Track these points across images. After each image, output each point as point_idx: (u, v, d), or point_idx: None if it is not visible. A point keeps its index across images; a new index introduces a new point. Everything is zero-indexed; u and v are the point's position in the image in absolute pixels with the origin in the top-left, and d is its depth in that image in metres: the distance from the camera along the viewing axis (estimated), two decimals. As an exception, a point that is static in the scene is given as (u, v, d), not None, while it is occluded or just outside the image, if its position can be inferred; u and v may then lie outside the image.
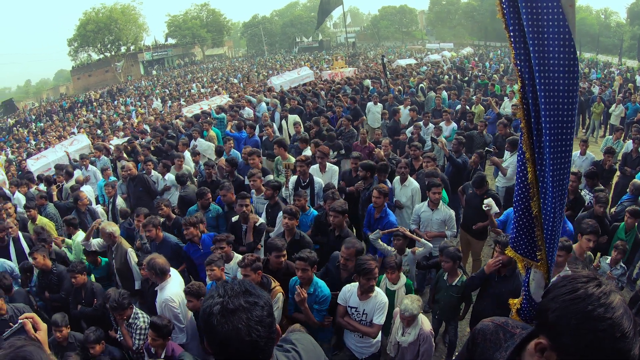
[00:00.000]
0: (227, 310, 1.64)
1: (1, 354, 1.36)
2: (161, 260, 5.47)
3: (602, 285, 1.50)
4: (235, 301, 1.66)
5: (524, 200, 2.53)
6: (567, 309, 1.49)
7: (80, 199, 8.98)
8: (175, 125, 15.33)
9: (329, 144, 9.68)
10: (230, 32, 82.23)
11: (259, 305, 1.69)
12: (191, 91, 35.27)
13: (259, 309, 1.68)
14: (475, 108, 13.71)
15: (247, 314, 1.64)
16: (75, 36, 64.58)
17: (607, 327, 1.41)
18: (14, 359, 1.34)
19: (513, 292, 4.84)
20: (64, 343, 5.49)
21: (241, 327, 1.62)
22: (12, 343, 1.40)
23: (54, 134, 27.20)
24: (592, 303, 1.45)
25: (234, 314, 1.63)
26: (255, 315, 1.66)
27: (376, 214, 6.79)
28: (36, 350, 1.41)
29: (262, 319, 1.67)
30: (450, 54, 41.68)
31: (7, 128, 38.63)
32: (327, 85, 20.79)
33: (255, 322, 1.65)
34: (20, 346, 1.40)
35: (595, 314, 1.43)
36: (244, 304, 1.66)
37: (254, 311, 1.66)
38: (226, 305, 1.64)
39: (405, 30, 78.80)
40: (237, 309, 1.64)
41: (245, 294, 1.70)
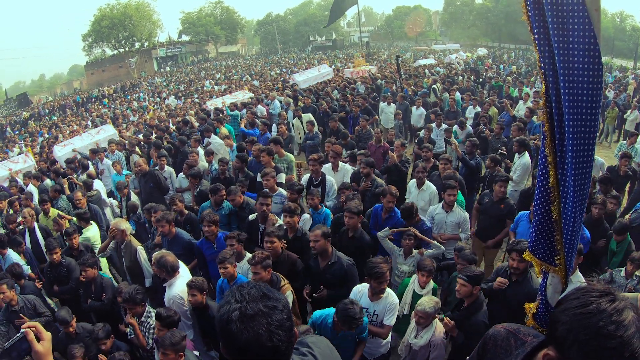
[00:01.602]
0: (247, 316, 1.61)
1: None
2: (171, 257, 5.50)
3: (615, 301, 1.47)
4: (254, 306, 1.63)
5: (545, 204, 2.51)
6: (577, 323, 1.46)
7: (77, 198, 8.93)
8: (189, 121, 15.37)
9: (342, 143, 9.65)
10: (243, 29, 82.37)
11: (278, 309, 1.66)
12: (204, 88, 35.31)
13: (278, 312, 1.65)
14: (489, 111, 13.60)
15: (267, 318, 1.61)
16: (89, 32, 65.05)
17: (617, 346, 1.39)
18: None
19: (525, 297, 4.79)
20: (72, 335, 5.55)
21: (262, 333, 1.59)
22: None
23: (67, 128, 27.37)
24: (604, 319, 1.42)
25: (254, 319, 1.60)
26: (275, 319, 1.63)
27: (384, 213, 6.75)
28: None
29: (282, 322, 1.64)
30: (466, 55, 41.35)
31: (21, 121, 38.94)
32: (340, 84, 20.74)
33: (275, 326, 1.62)
34: None
35: (605, 331, 1.41)
36: (263, 309, 1.63)
37: (273, 315, 1.63)
38: (245, 311, 1.61)
39: (419, 30, 78.49)
40: (256, 314, 1.61)
41: (264, 298, 1.67)
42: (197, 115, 16.89)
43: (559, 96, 2.27)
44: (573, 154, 2.26)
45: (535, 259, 2.68)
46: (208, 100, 22.69)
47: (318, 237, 5.32)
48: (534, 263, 2.73)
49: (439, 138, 11.70)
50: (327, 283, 5.46)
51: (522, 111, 13.81)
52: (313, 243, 5.36)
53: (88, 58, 69.53)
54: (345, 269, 5.44)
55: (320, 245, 5.34)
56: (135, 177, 10.20)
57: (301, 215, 6.74)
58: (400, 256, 6.16)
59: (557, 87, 2.27)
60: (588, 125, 2.22)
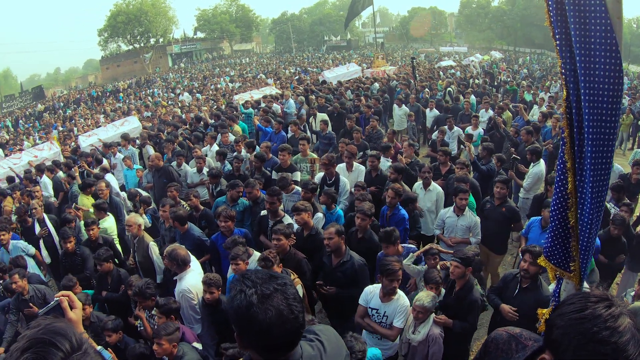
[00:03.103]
0: (265, 296, 1.67)
1: (32, 331, 1.36)
2: (183, 251, 5.55)
3: (612, 307, 1.47)
4: (269, 286, 1.71)
5: (562, 209, 2.51)
6: (572, 327, 1.47)
7: (100, 189, 9.03)
8: (204, 118, 15.43)
9: (353, 143, 9.65)
10: (258, 28, 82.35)
11: (288, 284, 1.76)
12: (218, 85, 35.40)
13: (290, 287, 1.76)
14: (503, 114, 13.47)
15: (282, 294, 1.71)
16: (105, 27, 65.37)
17: (610, 352, 1.39)
18: (46, 334, 1.34)
19: (534, 304, 4.75)
20: (85, 322, 5.54)
21: (283, 308, 1.67)
22: (39, 322, 1.40)
23: (82, 121, 27.56)
24: (598, 325, 1.43)
25: (272, 298, 1.68)
26: (290, 293, 1.73)
27: (389, 212, 6.78)
28: (67, 326, 1.41)
29: (296, 295, 1.75)
30: (482, 58, 41.15)
31: (35, 114, 39.25)
32: (353, 85, 20.76)
33: (292, 299, 1.72)
34: (50, 322, 1.40)
35: (599, 337, 1.41)
36: (277, 287, 1.72)
37: (287, 290, 1.73)
38: (263, 292, 1.68)
39: (434, 32, 78.24)
40: (272, 292, 1.69)
41: (272, 278, 1.76)
42: (210, 112, 16.98)
43: (579, 102, 2.27)
44: (592, 160, 2.26)
45: (551, 264, 2.68)
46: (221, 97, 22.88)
47: (332, 235, 5.35)
48: (549, 269, 2.72)
49: (451, 140, 11.64)
50: (338, 281, 5.49)
51: (536, 116, 13.65)
52: (327, 240, 5.40)
53: (103, 53, 70.02)
54: (357, 268, 5.46)
55: (334, 243, 5.37)
56: (149, 171, 10.27)
57: (315, 214, 6.76)
58: (419, 273, 6.04)
59: (577, 93, 2.27)
60: (607, 132, 2.22)
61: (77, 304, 2.14)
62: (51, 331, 1.36)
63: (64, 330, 1.38)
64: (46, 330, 1.36)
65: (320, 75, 26.08)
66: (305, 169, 8.93)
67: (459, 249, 6.09)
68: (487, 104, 14.12)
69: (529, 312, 4.73)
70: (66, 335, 1.36)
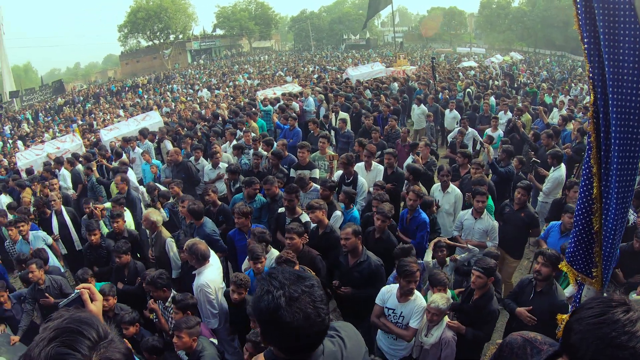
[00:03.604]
0: (293, 299, 1.66)
1: (57, 321, 1.36)
2: (203, 246, 5.53)
3: (630, 312, 1.47)
4: (297, 288, 1.69)
5: (586, 215, 2.49)
6: (590, 332, 1.47)
7: (117, 182, 9.16)
8: (222, 114, 15.50)
9: (373, 143, 9.63)
10: (278, 25, 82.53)
11: (315, 286, 1.75)
12: (236, 82, 35.51)
13: (317, 289, 1.74)
14: (522, 117, 13.33)
15: (310, 297, 1.69)
16: (125, 22, 65.70)
17: (628, 356, 1.39)
18: (72, 323, 1.35)
19: (548, 308, 4.74)
20: (109, 313, 5.62)
21: (310, 311, 1.66)
22: (62, 313, 1.40)
23: (101, 115, 27.82)
24: (617, 329, 1.43)
25: (300, 300, 1.67)
26: (317, 295, 1.72)
27: (409, 214, 6.72)
28: (92, 315, 1.42)
29: (322, 297, 1.74)
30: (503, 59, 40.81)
31: (55, 107, 39.66)
32: (372, 84, 20.72)
33: (319, 301, 1.71)
34: (74, 313, 1.41)
35: (617, 341, 1.41)
36: (305, 289, 1.70)
37: (315, 292, 1.72)
38: (291, 295, 1.67)
39: (454, 32, 77.81)
40: (300, 295, 1.68)
41: (300, 279, 1.75)
42: (229, 109, 17.04)
43: (606, 107, 2.26)
44: (618, 165, 2.24)
45: (573, 269, 2.66)
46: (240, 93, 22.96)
47: (349, 235, 5.34)
48: (570, 274, 2.71)
49: (468, 142, 11.57)
50: (354, 281, 5.49)
51: (556, 119, 13.52)
52: (344, 241, 5.39)
53: (123, 48, 70.42)
54: (373, 268, 5.45)
55: (351, 243, 5.36)
56: (167, 166, 10.34)
57: (334, 212, 6.76)
58: (436, 267, 6.08)
59: (605, 98, 2.25)
60: (634, 138, 2.20)
61: (98, 296, 2.16)
62: (77, 320, 1.37)
63: (90, 320, 1.40)
64: (71, 319, 1.37)
65: (344, 73, 26.04)
66: (324, 166, 8.92)
67: (473, 254, 6.11)
68: (506, 106, 14.00)
69: (544, 316, 4.72)
70: (92, 324, 1.38)
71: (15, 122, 34.16)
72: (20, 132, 28.87)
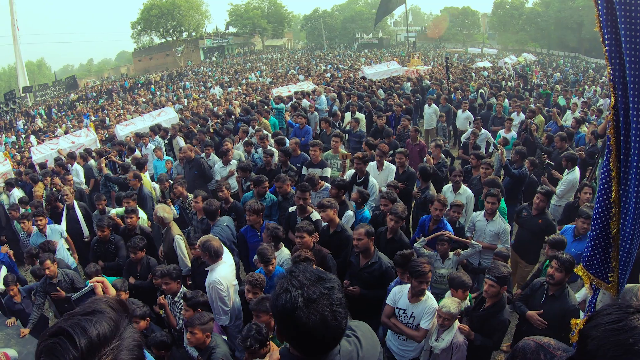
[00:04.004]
0: (311, 300, 1.66)
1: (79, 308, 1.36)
2: (216, 243, 5.55)
3: None
4: (316, 290, 1.69)
5: (604, 219, 2.46)
6: (607, 339, 1.46)
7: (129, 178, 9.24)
8: (233, 111, 15.54)
9: (385, 142, 9.59)
10: (290, 24, 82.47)
11: (335, 288, 1.73)
12: (249, 80, 35.58)
13: (336, 292, 1.72)
14: (535, 118, 13.18)
15: (329, 299, 1.68)
16: (138, 19, 66.15)
17: None
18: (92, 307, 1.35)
19: (560, 313, 4.72)
20: None
21: (327, 314, 1.65)
22: (71, 313, 1.36)
23: (114, 111, 27.98)
24: (635, 336, 1.41)
25: (317, 302, 1.66)
26: (336, 299, 1.70)
27: (432, 224, 6.54)
28: (102, 309, 1.38)
29: (341, 301, 1.72)
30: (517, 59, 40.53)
31: (68, 103, 39.94)
32: (386, 83, 20.68)
33: (337, 305, 1.69)
34: (85, 306, 1.39)
35: (635, 348, 1.40)
36: (324, 291, 1.69)
37: (334, 295, 1.70)
38: (309, 296, 1.66)
39: (467, 32, 77.48)
40: (318, 297, 1.67)
41: (320, 280, 1.74)
42: (241, 106, 17.08)
43: (627, 110, 2.23)
44: (637, 170, 2.22)
45: (589, 274, 2.63)
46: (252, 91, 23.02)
47: (362, 236, 5.33)
48: (586, 278, 2.68)
49: (482, 143, 11.51)
50: (364, 281, 5.48)
51: (569, 121, 13.40)
52: (356, 241, 5.37)
53: (136, 45, 71.02)
54: (384, 270, 5.45)
55: (363, 244, 5.36)
56: (180, 163, 10.37)
57: (345, 212, 6.75)
58: (437, 260, 6.09)
59: (626, 101, 2.23)
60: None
61: (111, 290, 2.19)
62: (79, 320, 1.32)
63: (99, 316, 1.35)
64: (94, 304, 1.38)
65: (359, 72, 26.00)
66: (336, 165, 8.89)
67: (476, 249, 6.07)
68: (519, 107, 13.91)
69: (555, 320, 4.70)
70: (99, 321, 1.33)
71: (28, 117, 34.43)
72: (34, 127, 29.11)
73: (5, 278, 6.92)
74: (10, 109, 34.56)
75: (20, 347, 5.92)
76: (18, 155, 19.61)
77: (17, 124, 31.26)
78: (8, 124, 32.34)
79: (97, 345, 1.25)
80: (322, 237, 6.22)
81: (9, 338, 6.19)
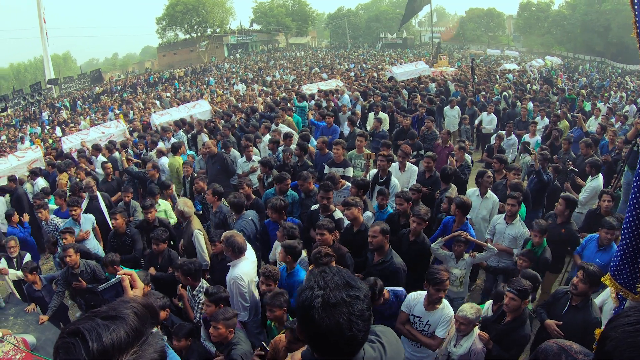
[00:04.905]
0: (329, 304, 1.62)
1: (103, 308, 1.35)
2: (240, 239, 5.58)
3: None
4: (337, 294, 1.64)
5: (634, 229, 2.44)
6: (625, 340, 1.46)
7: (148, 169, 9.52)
8: (257, 108, 15.63)
9: (409, 143, 9.56)
10: (314, 22, 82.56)
11: (359, 298, 1.67)
12: (273, 77, 35.67)
13: (359, 302, 1.66)
14: (560, 123, 13.00)
15: (348, 307, 1.62)
16: (163, 15, 66.77)
17: None
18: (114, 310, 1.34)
19: (582, 324, 4.65)
20: None
21: (342, 322, 1.60)
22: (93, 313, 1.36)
23: (140, 105, 28.25)
24: None
25: (336, 308, 1.61)
26: (356, 309, 1.64)
27: (456, 226, 6.51)
28: (124, 314, 1.36)
29: (362, 312, 1.65)
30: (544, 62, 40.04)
31: (93, 96, 40.42)
32: (410, 84, 20.60)
33: (356, 316, 1.63)
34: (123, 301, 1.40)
35: None
36: (346, 298, 1.64)
37: (355, 305, 1.64)
38: (328, 299, 1.63)
39: (491, 34, 76.81)
40: (338, 302, 1.62)
41: (346, 286, 1.68)
42: (264, 103, 17.17)
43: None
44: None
45: (616, 283, 2.62)
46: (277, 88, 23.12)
47: (376, 233, 5.36)
48: (613, 288, 2.66)
49: (507, 147, 11.45)
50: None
51: (592, 127, 13.14)
52: (371, 238, 5.40)
53: (161, 40, 71.85)
54: (394, 270, 5.44)
55: (378, 242, 5.37)
56: (202, 157, 10.47)
57: (364, 212, 6.75)
58: (452, 260, 6.08)
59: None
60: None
61: (139, 283, 2.19)
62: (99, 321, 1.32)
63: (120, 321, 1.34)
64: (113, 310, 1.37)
65: (387, 71, 25.91)
66: (360, 165, 8.89)
67: (492, 253, 6.05)
68: (543, 111, 13.78)
69: (577, 332, 4.58)
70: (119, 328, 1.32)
71: (53, 108, 34.90)
72: (58, 118, 29.50)
73: (25, 265, 7.03)
74: (35, 101, 35.05)
75: (39, 333, 6.03)
76: (42, 146, 19.92)
77: (41, 116, 31.71)
78: (33, 115, 32.84)
79: (110, 353, 1.25)
80: (345, 235, 6.26)
81: (27, 324, 6.29)
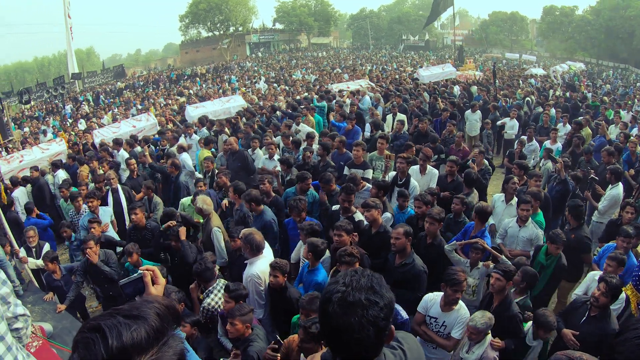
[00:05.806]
0: (346, 301, 1.62)
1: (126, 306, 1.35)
2: (258, 237, 5.62)
3: None
4: (357, 295, 1.63)
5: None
6: (634, 353, 1.48)
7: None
8: (279, 107, 15.69)
9: (431, 147, 9.55)
10: (337, 22, 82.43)
11: (378, 305, 1.64)
12: (292, 76, 35.69)
13: (377, 309, 1.63)
14: (582, 131, 12.77)
15: (363, 310, 1.61)
16: (186, 13, 67.40)
17: None
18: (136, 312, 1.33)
19: (600, 336, 4.55)
20: None
21: (354, 322, 1.60)
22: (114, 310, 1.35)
23: (161, 100, 28.47)
24: None
25: (351, 307, 1.61)
26: (371, 314, 1.61)
27: (475, 231, 6.43)
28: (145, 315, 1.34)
29: (376, 320, 1.62)
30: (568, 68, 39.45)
31: (115, 91, 40.82)
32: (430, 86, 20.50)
33: (368, 321, 1.61)
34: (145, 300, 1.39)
35: None
36: (364, 301, 1.63)
37: (371, 310, 1.62)
38: (346, 297, 1.63)
39: (514, 38, 76.02)
40: (355, 302, 1.62)
41: (369, 290, 1.66)
42: (286, 102, 17.23)
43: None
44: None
45: (638, 294, 2.63)
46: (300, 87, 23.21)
47: (400, 235, 5.35)
48: (634, 298, 2.67)
49: (528, 152, 11.38)
50: (395, 280, 5.45)
51: (613, 135, 13.02)
52: (394, 240, 5.39)
53: (183, 38, 72.78)
54: (416, 272, 5.43)
55: (401, 244, 5.37)
56: (224, 154, 10.53)
57: (384, 213, 6.76)
58: (466, 268, 5.97)
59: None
60: None
61: (161, 280, 2.22)
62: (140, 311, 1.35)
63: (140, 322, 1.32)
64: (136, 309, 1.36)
65: (415, 73, 25.84)
66: (380, 167, 8.90)
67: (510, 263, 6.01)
68: (566, 118, 13.63)
69: (594, 342, 4.52)
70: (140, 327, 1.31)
71: (76, 102, 35.33)
72: (81, 112, 29.84)
73: (46, 254, 7.15)
74: (58, 94, 35.40)
75: (56, 322, 6.11)
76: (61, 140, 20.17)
77: (64, 109, 32.13)
78: (55, 109, 33.27)
79: (129, 352, 1.24)
80: (364, 236, 6.26)
81: (45, 312, 6.41)
